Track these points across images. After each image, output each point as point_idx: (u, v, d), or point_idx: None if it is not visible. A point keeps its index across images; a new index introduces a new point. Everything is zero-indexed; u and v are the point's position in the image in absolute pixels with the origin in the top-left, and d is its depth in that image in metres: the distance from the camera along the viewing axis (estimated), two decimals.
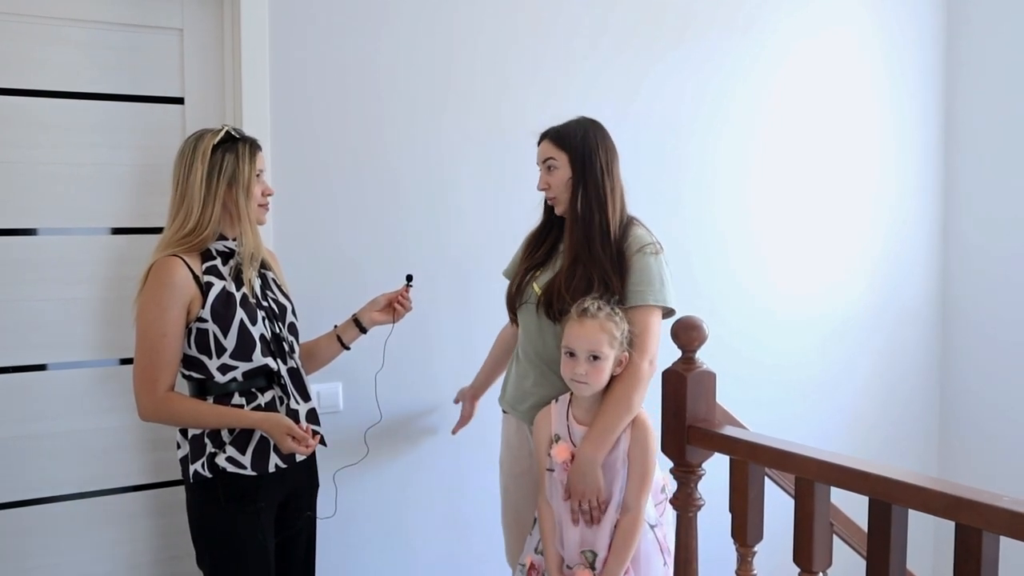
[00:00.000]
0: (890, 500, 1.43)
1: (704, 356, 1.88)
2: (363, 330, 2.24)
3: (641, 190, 2.97)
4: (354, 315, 2.25)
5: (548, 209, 2.26)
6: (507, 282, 2.32)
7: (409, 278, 2.25)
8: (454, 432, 2.59)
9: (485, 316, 2.59)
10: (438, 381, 2.71)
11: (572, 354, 1.97)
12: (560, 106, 2.29)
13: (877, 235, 3.57)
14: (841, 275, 3.50)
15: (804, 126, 3.36)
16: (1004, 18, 3.52)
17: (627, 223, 2.14)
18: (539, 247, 2.25)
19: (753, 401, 3.09)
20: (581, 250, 2.07)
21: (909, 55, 3.60)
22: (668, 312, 2.09)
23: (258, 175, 2.01)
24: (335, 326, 2.26)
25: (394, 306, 2.24)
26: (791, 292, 3.38)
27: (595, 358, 1.94)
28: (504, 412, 2.34)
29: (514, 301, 2.24)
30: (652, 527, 1.99)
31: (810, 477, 1.57)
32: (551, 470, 2.03)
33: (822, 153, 3.42)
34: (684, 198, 3.13)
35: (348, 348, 2.26)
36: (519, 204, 2.41)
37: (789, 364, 3.39)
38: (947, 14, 3.66)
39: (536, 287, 2.16)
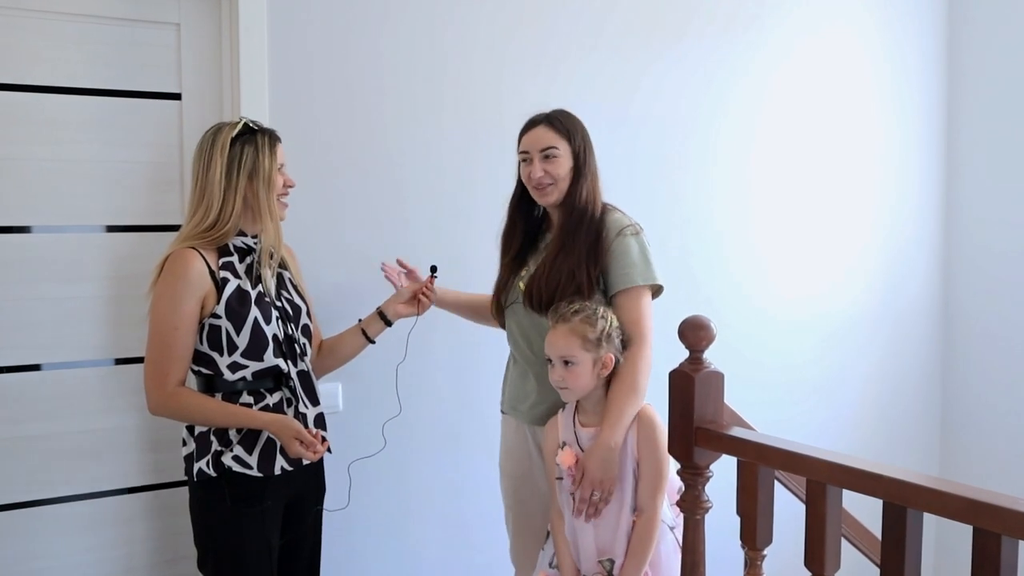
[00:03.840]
0: (905, 503, 1.40)
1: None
2: (388, 323, 2.22)
3: (640, 189, 2.98)
4: (378, 308, 2.23)
5: (514, 207, 2.22)
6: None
7: (433, 269, 2.22)
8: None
9: None
10: (440, 378, 2.68)
11: (550, 360, 1.96)
12: (561, 103, 2.26)
13: (878, 235, 3.56)
14: (842, 275, 3.48)
15: (805, 125, 3.34)
16: (1006, 15, 3.50)
17: (604, 210, 2.12)
18: (509, 249, 2.22)
19: (755, 401, 3.05)
20: (567, 240, 2.05)
21: (910, 54, 3.58)
22: (657, 290, 2.08)
23: (279, 168, 1.98)
24: (359, 320, 2.24)
25: (419, 298, 2.20)
26: (792, 292, 3.36)
27: (567, 363, 1.93)
28: (503, 413, 2.30)
29: (501, 301, 2.21)
30: (671, 528, 1.96)
31: (822, 480, 1.54)
32: (560, 478, 2.00)
33: (823, 152, 3.40)
34: (684, 197, 3.11)
35: (373, 342, 2.23)
36: None
37: (790, 364, 3.37)
38: (948, 12, 3.64)
39: (521, 285, 2.14)
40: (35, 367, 2.29)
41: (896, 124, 3.57)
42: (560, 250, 2.05)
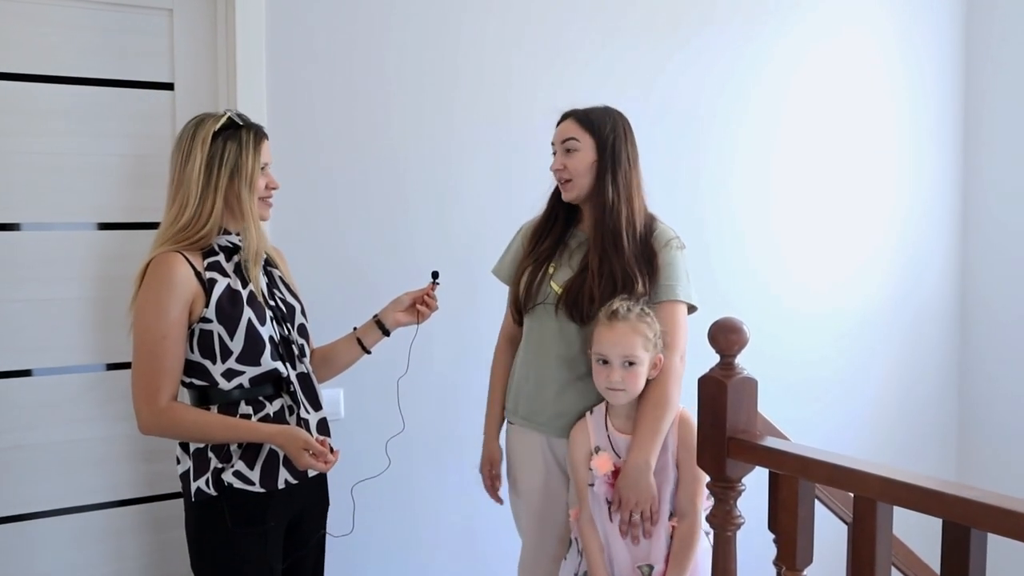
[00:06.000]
0: (969, 524, 1.27)
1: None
2: (386, 332, 2.08)
3: (658, 184, 2.84)
4: (375, 316, 2.09)
5: (554, 198, 2.12)
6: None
7: (435, 275, 2.08)
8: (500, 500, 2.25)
9: (491, 316, 2.44)
10: (444, 391, 2.57)
11: (606, 361, 1.85)
12: (572, 98, 2.16)
13: (895, 230, 3.49)
14: (858, 272, 3.41)
15: (822, 121, 3.28)
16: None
17: (650, 218, 2.07)
18: (543, 239, 2.11)
19: (769, 398, 2.95)
20: (608, 244, 1.96)
21: (928, 47, 3.51)
22: (691, 308, 2.04)
23: (263, 168, 1.84)
24: (354, 328, 2.10)
25: (418, 307, 2.07)
26: (809, 288, 3.30)
27: (630, 364, 1.83)
28: (510, 424, 2.17)
29: (524, 302, 2.08)
30: (706, 534, 1.87)
31: (872, 496, 1.41)
32: (591, 484, 1.89)
33: (840, 147, 3.33)
34: (701, 191, 3.03)
35: (369, 352, 2.09)
36: (529, 199, 2.27)
37: (806, 361, 3.29)
38: (967, 8, 3.57)
39: (555, 285, 2.02)
40: (26, 372, 2.19)
41: (914, 120, 3.50)
42: (603, 255, 1.96)
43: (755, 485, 1.72)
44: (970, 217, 3.64)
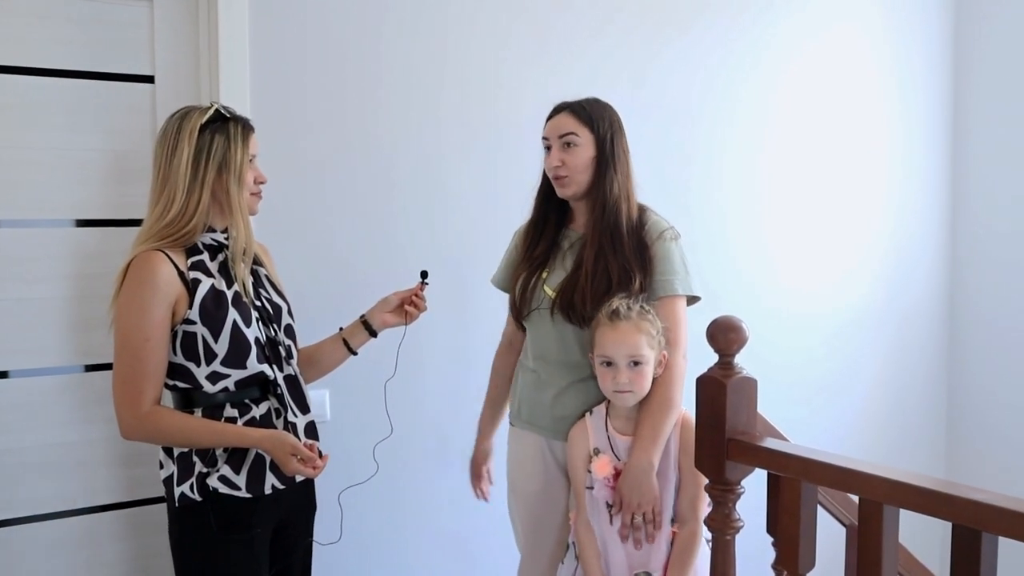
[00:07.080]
0: (980, 527, 1.24)
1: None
2: (373, 333, 2.03)
3: (646, 182, 2.82)
4: (362, 316, 2.04)
5: (542, 199, 2.07)
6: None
7: (424, 275, 2.04)
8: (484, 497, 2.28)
9: (482, 317, 2.40)
10: (434, 394, 2.52)
11: (610, 363, 1.80)
12: (561, 93, 2.12)
13: (884, 231, 3.47)
14: (847, 273, 3.39)
15: (812, 120, 3.25)
16: (1013, 13, 3.43)
17: (641, 210, 2.01)
18: (537, 244, 2.06)
19: (761, 400, 2.94)
20: (606, 242, 1.91)
21: (918, 48, 3.50)
22: (692, 299, 1.98)
23: (251, 160, 1.79)
24: (340, 328, 2.05)
25: (406, 307, 2.02)
26: (798, 289, 3.27)
27: (636, 363, 1.79)
28: (512, 427, 2.14)
29: (520, 309, 2.04)
30: (705, 540, 1.84)
31: (878, 499, 1.37)
32: (590, 488, 1.86)
33: (829, 147, 3.31)
34: (690, 190, 2.99)
35: (355, 353, 2.04)
36: (517, 197, 2.22)
37: (796, 363, 3.26)
38: (956, 8, 3.56)
39: (548, 289, 1.97)
40: (2, 375, 2.13)
41: (903, 120, 3.48)
42: (599, 252, 1.91)
43: (749, 486, 1.69)
44: (959, 217, 3.63)
